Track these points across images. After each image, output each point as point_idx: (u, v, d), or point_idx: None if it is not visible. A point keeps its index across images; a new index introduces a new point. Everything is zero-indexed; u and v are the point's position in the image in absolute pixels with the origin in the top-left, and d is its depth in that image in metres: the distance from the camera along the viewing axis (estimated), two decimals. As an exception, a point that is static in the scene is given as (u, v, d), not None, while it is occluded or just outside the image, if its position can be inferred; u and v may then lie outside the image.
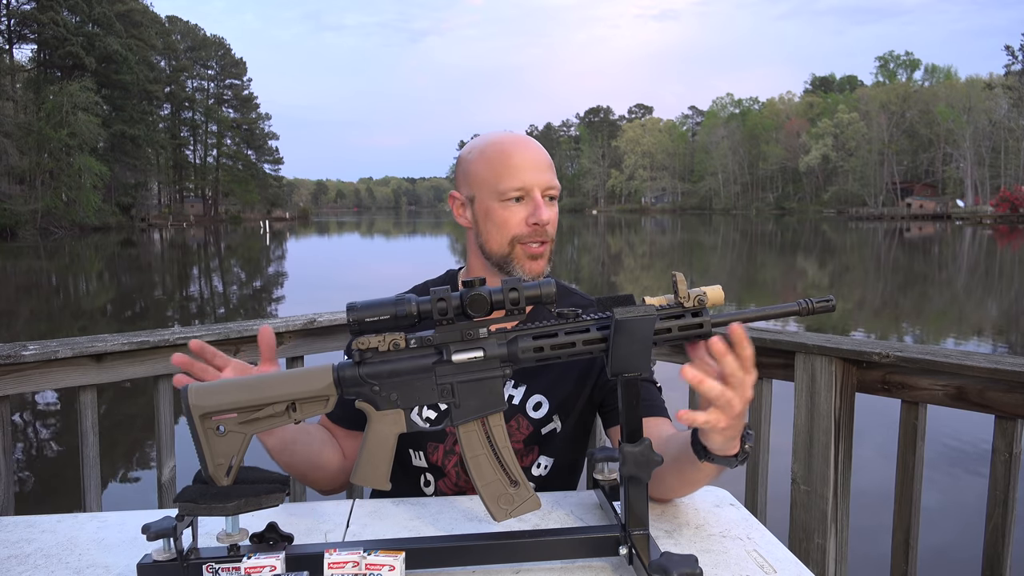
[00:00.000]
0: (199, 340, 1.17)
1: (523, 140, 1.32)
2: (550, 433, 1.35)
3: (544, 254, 1.30)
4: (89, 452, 1.92)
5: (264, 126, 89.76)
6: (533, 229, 1.28)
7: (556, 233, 1.33)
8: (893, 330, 11.10)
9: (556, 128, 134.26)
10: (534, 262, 1.30)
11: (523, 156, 1.28)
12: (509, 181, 1.27)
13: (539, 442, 1.34)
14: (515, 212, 1.28)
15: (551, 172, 1.31)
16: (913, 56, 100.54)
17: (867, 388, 1.90)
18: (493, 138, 1.33)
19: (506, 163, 1.28)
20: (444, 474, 1.35)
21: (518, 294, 0.91)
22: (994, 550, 1.70)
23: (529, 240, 1.28)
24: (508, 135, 1.33)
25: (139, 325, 12.65)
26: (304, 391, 0.92)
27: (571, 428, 1.37)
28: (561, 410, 1.35)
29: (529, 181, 1.27)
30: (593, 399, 1.37)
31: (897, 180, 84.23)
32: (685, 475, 1.09)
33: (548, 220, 1.28)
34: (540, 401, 1.34)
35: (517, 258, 1.29)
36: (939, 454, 4.89)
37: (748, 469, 2.15)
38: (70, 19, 57.55)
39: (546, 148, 1.35)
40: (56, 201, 50.75)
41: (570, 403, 1.36)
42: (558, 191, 1.32)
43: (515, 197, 1.28)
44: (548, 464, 1.36)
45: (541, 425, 1.34)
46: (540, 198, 1.28)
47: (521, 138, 1.32)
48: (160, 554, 0.91)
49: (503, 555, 0.98)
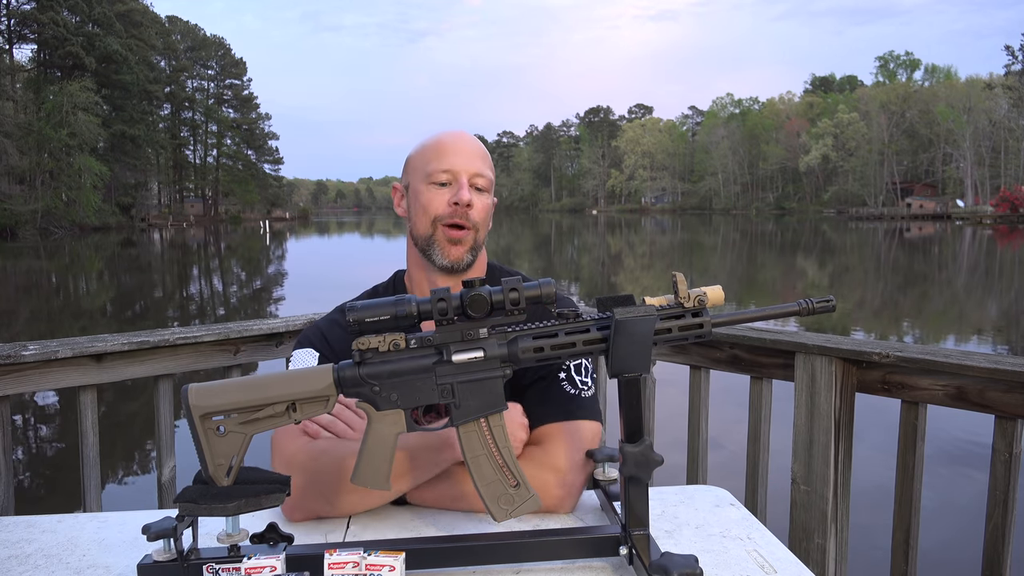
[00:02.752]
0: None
1: (459, 132, 1.34)
2: None
3: (464, 240, 1.29)
4: (89, 452, 1.92)
5: (264, 126, 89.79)
6: (454, 209, 1.28)
7: (485, 225, 1.33)
8: (893, 330, 11.10)
9: (556, 128, 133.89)
10: (453, 247, 1.29)
11: (454, 143, 1.31)
12: (436, 163, 1.29)
13: None
14: (440, 194, 1.29)
15: (483, 163, 1.32)
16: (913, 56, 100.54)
17: (867, 388, 1.90)
18: (435, 132, 1.36)
19: (436, 148, 1.31)
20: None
21: (518, 294, 0.91)
22: (994, 550, 1.70)
23: (449, 220, 1.28)
24: (445, 131, 1.36)
25: (139, 325, 12.65)
26: (304, 391, 0.92)
27: None
28: None
29: (456, 165, 1.29)
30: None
31: (897, 180, 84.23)
32: None
33: (469, 202, 1.27)
34: None
35: (438, 240, 1.29)
36: (940, 453, 4.89)
37: (748, 469, 2.15)
38: (70, 19, 57.54)
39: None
40: (56, 201, 50.75)
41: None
42: (488, 183, 1.32)
43: (441, 181, 1.29)
44: None
45: None
46: (465, 182, 1.28)
47: (458, 131, 1.35)
48: (160, 554, 0.91)
49: (503, 555, 0.98)
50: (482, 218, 1.31)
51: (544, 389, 1.24)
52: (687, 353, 2.22)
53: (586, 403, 1.25)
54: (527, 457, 1.17)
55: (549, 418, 1.22)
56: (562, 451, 1.17)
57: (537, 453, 1.18)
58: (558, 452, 1.17)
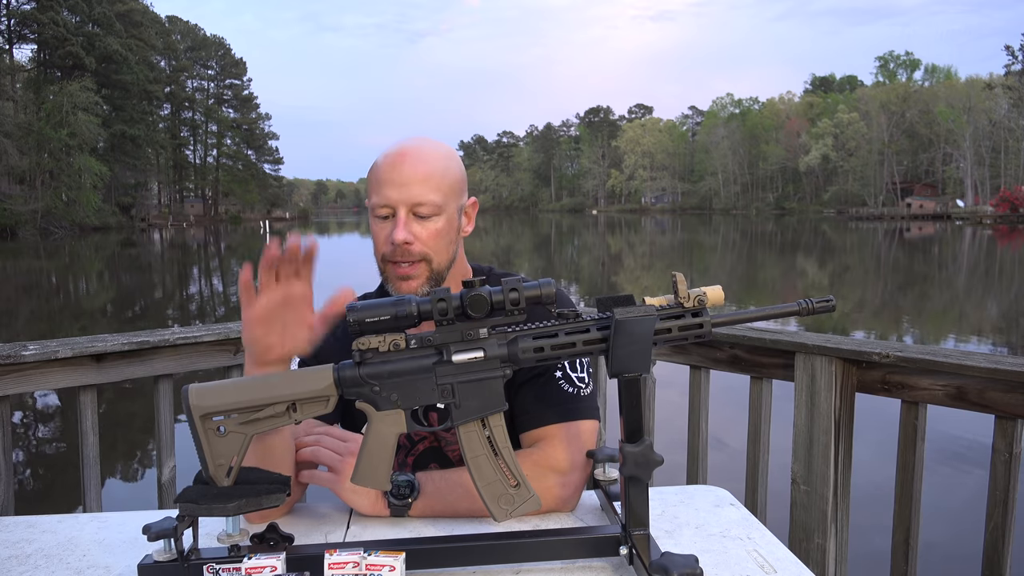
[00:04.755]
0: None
1: (399, 153, 1.22)
2: None
3: (416, 275, 1.21)
4: (89, 452, 1.92)
5: (264, 126, 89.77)
6: (393, 248, 1.20)
7: (443, 249, 1.23)
8: (893, 330, 11.10)
9: (556, 128, 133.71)
10: (403, 283, 1.22)
11: (390, 172, 1.21)
12: (376, 196, 1.22)
13: None
14: (382, 228, 1.22)
15: (424, 187, 1.20)
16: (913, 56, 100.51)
17: (867, 388, 1.90)
18: (384, 150, 1.26)
19: (375, 178, 1.23)
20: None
21: (518, 294, 0.91)
22: (994, 550, 1.70)
23: (394, 259, 1.22)
24: (395, 147, 1.25)
25: (139, 325, 12.64)
26: (304, 391, 0.93)
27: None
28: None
29: (392, 198, 1.20)
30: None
31: (897, 180, 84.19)
32: None
33: (406, 239, 1.19)
34: None
35: (391, 279, 1.23)
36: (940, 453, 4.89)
37: (748, 469, 2.15)
38: (70, 19, 57.58)
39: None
40: (56, 201, 50.76)
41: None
42: (431, 206, 1.20)
43: (382, 215, 1.22)
44: None
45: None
46: (404, 216, 1.20)
47: (399, 151, 1.23)
48: (161, 554, 0.91)
49: (503, 555, 0.98)
50: (433, 245, 1.22)
51: (541, 387, 1.23)
52: (687, 353, 2.22)
53: (584, 401, 1.24)
54: (528, 458, 1.16)
55: (548, 419, 1.21)
56: (563, 452, 1.17)
57: (538, 454, 1.18)
58: (559, 453, 1.17)
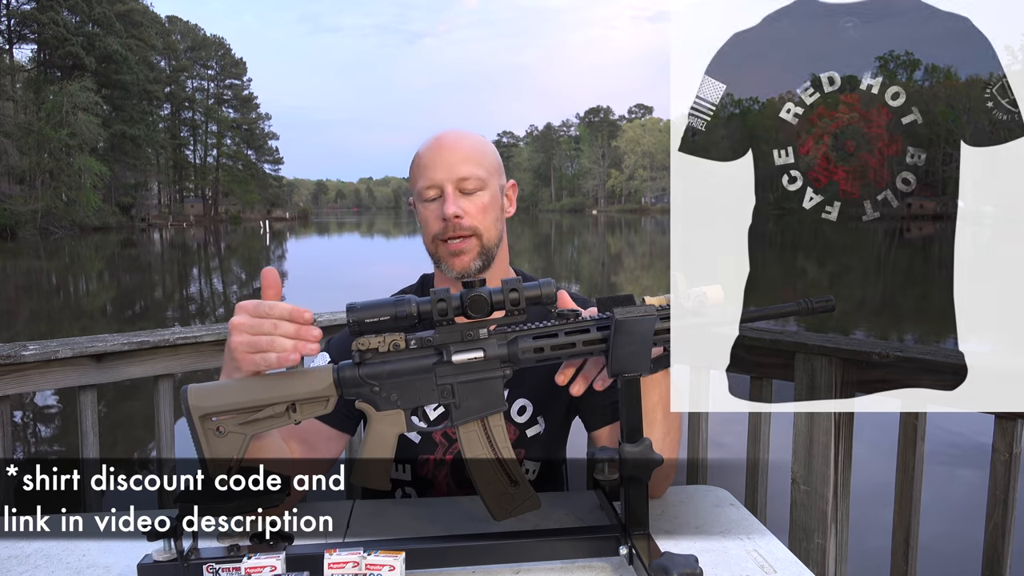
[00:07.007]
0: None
1: (438, 137, 1.32)
2: (535, 436, 1.34)
3: (467, 249, 1.27)
4: (89, 452, 1.92)
5: (264, 126, 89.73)
6: (444, 225, 1.27)
7: (491, 224, 1.30)
8: (893, 330, 11.10)
9: (556, 128, 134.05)
10: (456, 258, 1.28)
11: (432, 156, 1.29)
12: (422, 180, 1.29)
13: (525, 445, 1.34)
14: (432, 210, 1.28)
15: (469, 163, 1.28)
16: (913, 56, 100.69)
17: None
18: (421, 144, 1.34)
19: (419, 164, 1.30)
20: (433, 486, 1.34)
21: (518, 294, 0.91)
22: (994, 550, 1.70)
23: (445, 236, 1.27)
24: (432, 137, 1.33)
25: (139, 325, 12.64)
26: (304, 392, 0.93)
27: (553, 430, 1.36)
28: (544, 412, 1.34)
29: (439, 178, 1.27)
30: (572, 399, 1.32)
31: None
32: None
33: (456, 212, 1.25)
34: (524, 405, 1.33)
35: (443, 256, 1.29)
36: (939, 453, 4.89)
37: (748, 469, 2.15)
38: (70, 19, 57.56)
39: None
40: (56, 201, 50.75)
41: (552, 404, 1.34)
42: (480, 181, 1.28)
43: (430, 197, 1.28)
44: (535, 468, 1.35)
45: (526, 428, 1.33)
46: (451, 192, 1.26)
47: (437, 138, 1.32)
48: (160, 554, 0.92)
49: (503, 555, 0.98)
50: (481, 220, 1.28)
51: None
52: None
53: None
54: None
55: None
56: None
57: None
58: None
